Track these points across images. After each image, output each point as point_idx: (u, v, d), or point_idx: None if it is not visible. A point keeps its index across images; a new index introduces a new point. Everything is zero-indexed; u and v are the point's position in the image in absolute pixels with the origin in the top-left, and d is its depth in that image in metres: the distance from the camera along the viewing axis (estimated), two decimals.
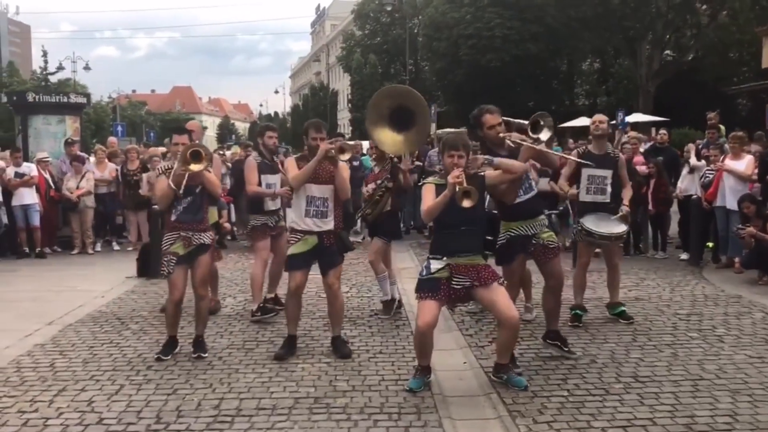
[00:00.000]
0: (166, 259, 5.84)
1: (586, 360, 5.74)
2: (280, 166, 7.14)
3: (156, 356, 5.91)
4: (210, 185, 5.86)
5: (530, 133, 5.51)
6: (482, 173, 5.10)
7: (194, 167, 5.60)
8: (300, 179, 5.77)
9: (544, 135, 5.52)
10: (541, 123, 5.52)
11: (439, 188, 5.04)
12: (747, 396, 4.90)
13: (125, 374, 5.54)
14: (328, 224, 5.85)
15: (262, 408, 4.81)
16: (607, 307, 7.09)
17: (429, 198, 5.04)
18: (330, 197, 5.83)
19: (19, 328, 6.91)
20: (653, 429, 4.40)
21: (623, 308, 6.97)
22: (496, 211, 6.41)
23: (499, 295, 4.97)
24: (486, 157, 5.27)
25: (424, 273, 5.06)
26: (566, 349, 5.81)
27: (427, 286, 5.02)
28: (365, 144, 15.53)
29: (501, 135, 5.47)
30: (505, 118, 5.66)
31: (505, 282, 5.38)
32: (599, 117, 6.95)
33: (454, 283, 4.96)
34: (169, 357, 5.89)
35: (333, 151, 5.72)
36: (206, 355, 5.92)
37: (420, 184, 5.60)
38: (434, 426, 4.49)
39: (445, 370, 5.48)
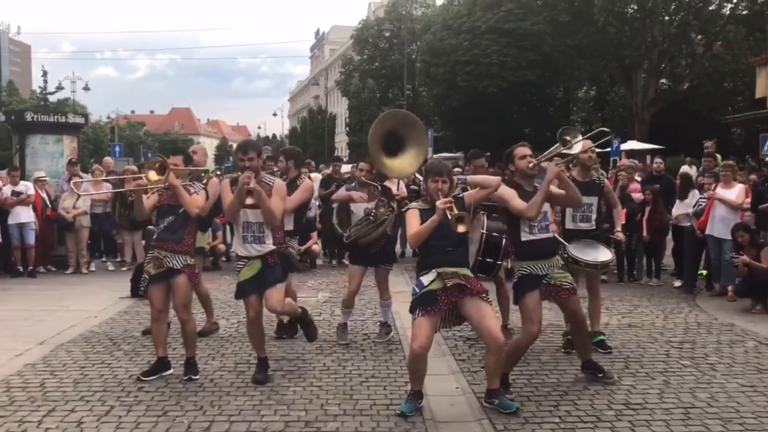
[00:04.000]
0: (143, 277, 6.04)
1: (578, 386, 5.73)
2: None
3: (137, 377, 5.87)
4: (184, 203, 5.79)
5: (563, 150, 5.61)
6: (461, 195, 5.20)
7: (150, 175, 5.66)
8: (228, 212, 5.73)
9: (576, 147, 5.69)
10: (567, 138, 5.66)
11: (423, 213, 5.11)
12: (738, 425, 4.90)
13: (116, 395, 5.51)
14: (267, 247, 5.75)
15: (253, 431, 4.78)
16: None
17: (414, 223, 5.10)
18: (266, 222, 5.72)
19: (10, 348, 6.88)
20: None
21: (603, 337, 6.89)
22: (496, 234, 6.45)
23: (486, 315, 4.98)
24: (458, 177, 5.39)
25: (417, 290, 5.06)
26: (601, 375, 5.82)
27: (423, 302, 4.99)
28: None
29: (530, 164, 5.55)
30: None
31: (491, 299, 5.39)
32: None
33: (447, 283, 4.95)
34: (149, 379, 5.83)
35: (247, 188, 5.40)
36: (197, 377, 5.89)
37: (404, 209, 5.59)
38: None
39: (437, 395, 5.47)
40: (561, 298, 5.58)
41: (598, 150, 7.05)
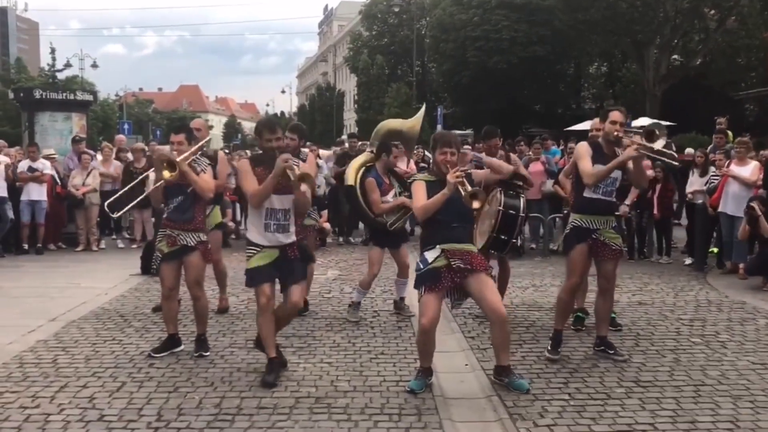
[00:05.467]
0: (155, 255, 6.00)
1: (587, 364, 5.73)
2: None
3: (148, 353, 5.89)
4: (198, 189, 5.73)
5: (644, 142, 5.53)
6: (469, 171, 5.21)
7: (165, 174, 5.57)
8: (260, 198, 5.13)
9: (659, 143, 5.57)
10: (657, 132, 5.59)
11: (429, 185, 5.09)
12: (749, 402, 4.89)
13: (127, 371, 5.55)
14: (291, 237, 5.30)
15: (263, 407, 4.81)
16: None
17: (421, 195, 5.06)
18: (292, 208, 5.29)
19: (23, 324, 6.93)
20: None
21: (612, 315, 6.79)
22: (513, 212, 6.44)
23: (488, 288, 4.99)
24: (474, 154, 5.38)
25: (422, 267, 5.05)
26: (612, 352, 5.82)
27: (427, 278, 5.00)
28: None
29: (616, 132, 5.64)
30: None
31: (495, 274, 5.70)
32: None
33: (452, 264, 4.95)
34: (161, 355, 5.85)
35: (291, 173, 4.99)
36: (208, 353, 5.93)
37: (409, 181, 5.53)
38: (435, 428, 4.49)
39: (446, 372, 5.48)
40: (604, 256, 5.73)
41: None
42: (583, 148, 5.77)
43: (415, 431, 4.44)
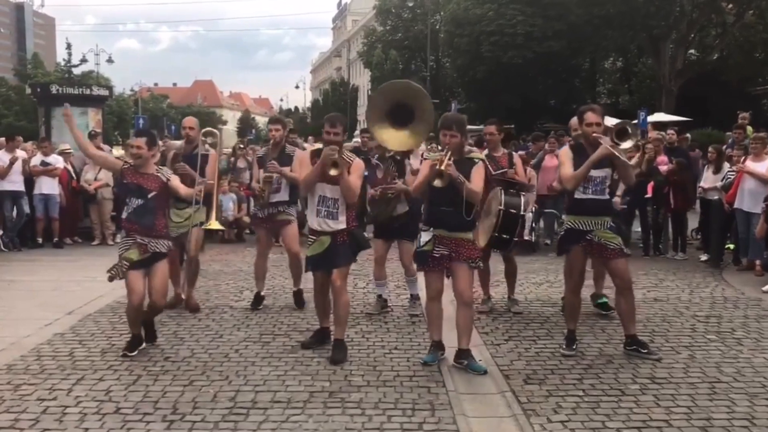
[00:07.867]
0: (119, 264, 5.75)
1: (602, 360, 5.71)
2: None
3: (122, 353, 5.79)
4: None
5: (613, 138, 5.67)
6: (477, 160, 5.54)
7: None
8: (305, 183, 5.80)
9: (626, 144, 5.69)
10: (629, 131, 5.72)
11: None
12: (765, 399, 4.86)
13: (143, 365, 5.59)
14: (340, 224, 5.73)
15: (278, 401, 4.84)
16: (592, 297, 7.21)
17: (423, 173, 5.51)
18: (342, 198, 5.70)
19: (40, 317, 7.01)
20: (669, 431, 4.37)
21: (605, 300, 7.15)
22: (514, 210, 6.44)
23: (460, 276, 5.44)
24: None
25: (416, 246, 5.66)
26: (645, 351, 5.76)
27: (419, 259, 5.61)
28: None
29: (594, 135, 5.63)
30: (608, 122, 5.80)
31: (482, 265, 6.02)
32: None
33: (435, 252, 5.45)
34: (135, 353, 5.80)
35: (331, 159, 5.48)
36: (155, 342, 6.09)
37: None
38: (448, 423, 4.50)
39: (460, 368, 5.48)
40: (605, 257, 5.78)
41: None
42: (564, 155, 5.83)
43: (428, 426, 4.46)
